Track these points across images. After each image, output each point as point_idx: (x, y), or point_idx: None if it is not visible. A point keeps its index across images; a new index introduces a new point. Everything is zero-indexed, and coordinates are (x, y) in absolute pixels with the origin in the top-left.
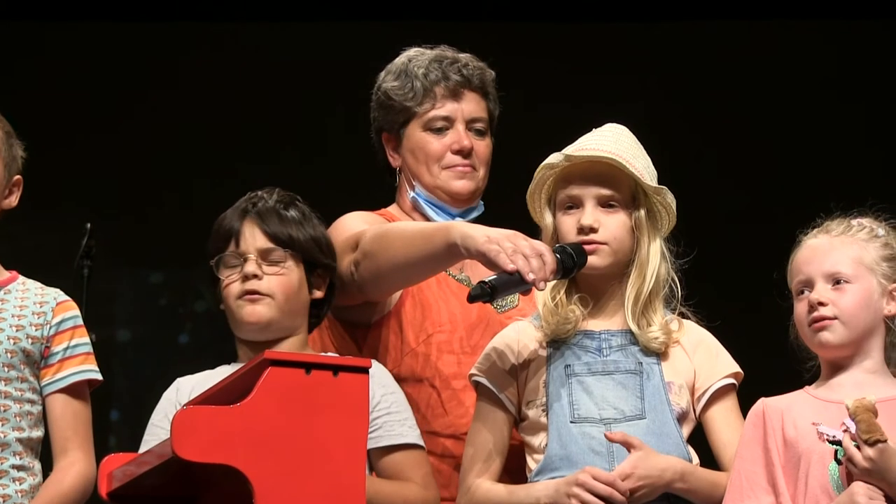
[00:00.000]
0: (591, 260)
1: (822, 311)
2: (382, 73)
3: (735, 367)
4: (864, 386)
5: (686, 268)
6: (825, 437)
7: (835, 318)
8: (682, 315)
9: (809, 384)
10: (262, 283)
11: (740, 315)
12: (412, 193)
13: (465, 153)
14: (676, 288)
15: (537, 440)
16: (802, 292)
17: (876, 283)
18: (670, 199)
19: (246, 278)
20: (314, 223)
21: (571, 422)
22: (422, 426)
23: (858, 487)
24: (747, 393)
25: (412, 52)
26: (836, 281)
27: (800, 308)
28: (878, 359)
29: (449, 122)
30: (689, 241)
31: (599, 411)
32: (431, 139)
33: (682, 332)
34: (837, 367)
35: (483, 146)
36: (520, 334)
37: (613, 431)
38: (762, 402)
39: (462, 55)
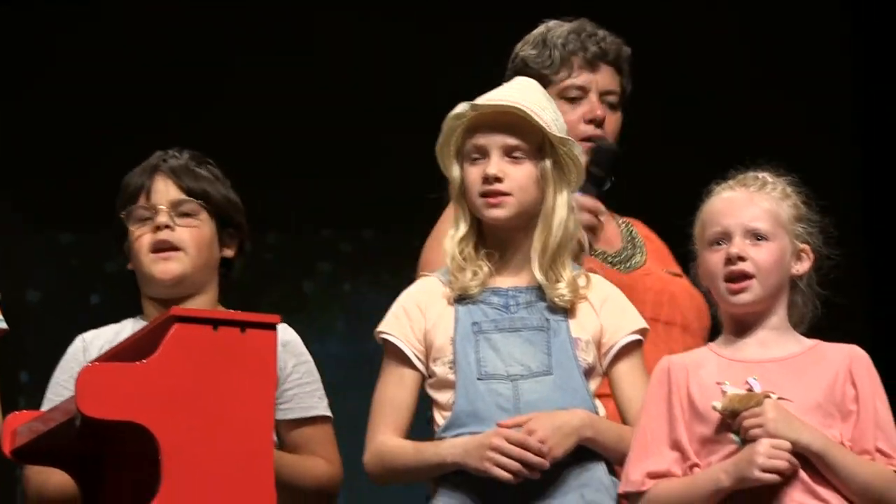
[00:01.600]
0: (495, 212)
1: (742, 266)
2: (520, 44)
3: (641, 323)
4: (769, 343)
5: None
6: (731, 393)
7: (752, 275)
8: (590, 271)
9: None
10: (173, 234)
11: None
12: None
13: (598, 123)
14: (585, 243)
15: (445, 397)
16: (718, 243)
17: (788, 242)
18: (577, 150)
19: (157, 229)
20: (227, 185)
21: (478, 379)
22: None
23: (761, 446)
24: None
25: (551, 22)
26: (755, 237)
27: (714, 259)
28: (782, 315)
29: (584, 91)
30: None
31: (506, 368)
32: (566, 108)
33: (590, 288)
34: (742, 324)
35: (614, 120)
36: (427, 291)
37: (506, 419)
38: (667, 360)
39: (600, 30)
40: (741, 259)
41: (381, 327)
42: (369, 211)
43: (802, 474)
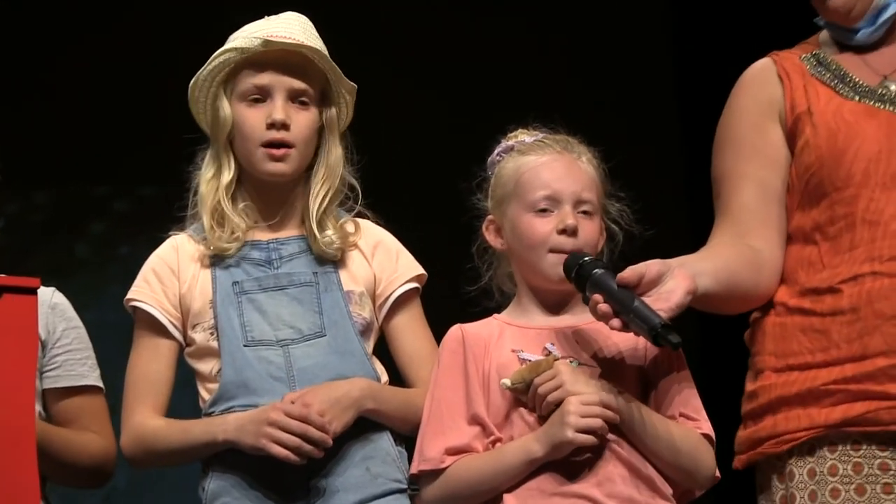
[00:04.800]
0: (279, 167)
1: (575, 241)
2: None
3: (418, 269)
4: (564, 311)
5: (362, 174)
6: (527, 362)
7: (580, 249)
8: (360, 216)
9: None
10: None
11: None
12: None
13: None
14: (357, 190)
15: (209, 367)
16: (545, 210)
17: (601, 217)
18: (354, 97)
19: None
20: None
21: (245, 345)
22: None
23: (571, 405)
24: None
25: None
26: (584, 210)
27: (541, 226)
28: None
29: None
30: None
31: (275, 332)
32: None
33: (359, 234)
34: (548, 295)
35: None
36: (178, 250)
37: (280, 389)
38: (459, 329)
39: None
40: (574, 233)
41: (131, 294)
42: (147, 166)
43: (609, 437)
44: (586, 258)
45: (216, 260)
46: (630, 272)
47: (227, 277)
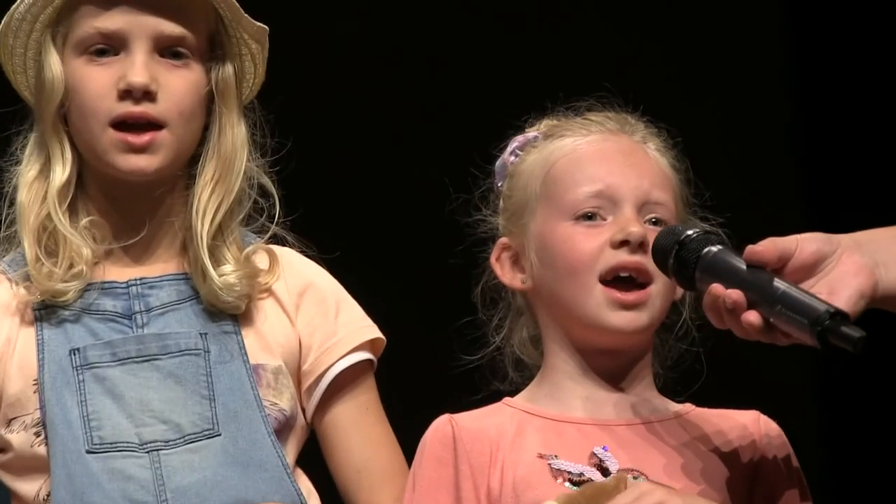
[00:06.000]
0: (139, 162)
1: (642, 260)
2: None
3: (371, 331)
4: (621, 397)
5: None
6: (565, 475)
7: (651, 281)
8: (277, 241)
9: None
10: None
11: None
12: None
13: None
14: (274, 198)
15: (33, 487)
16: (592, 216)
17: None
18: (266, 50)
19: None
20: None
21: (89, 452)
22: None
23: None
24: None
25: None
26: (654, 219)
27: (588, 239)
28: (651, 356)
29: None
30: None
31: (137, 429)
32: None
33: (276, 272)
34: (599, 363)
35: None
36: None
37: None
38: (449, 421)
39: None
40: (642, 247)
41: None
42: None
43: None
44: (690, 232)
45: (45, 313)
46: (768, 247)
47: (61, 341)
